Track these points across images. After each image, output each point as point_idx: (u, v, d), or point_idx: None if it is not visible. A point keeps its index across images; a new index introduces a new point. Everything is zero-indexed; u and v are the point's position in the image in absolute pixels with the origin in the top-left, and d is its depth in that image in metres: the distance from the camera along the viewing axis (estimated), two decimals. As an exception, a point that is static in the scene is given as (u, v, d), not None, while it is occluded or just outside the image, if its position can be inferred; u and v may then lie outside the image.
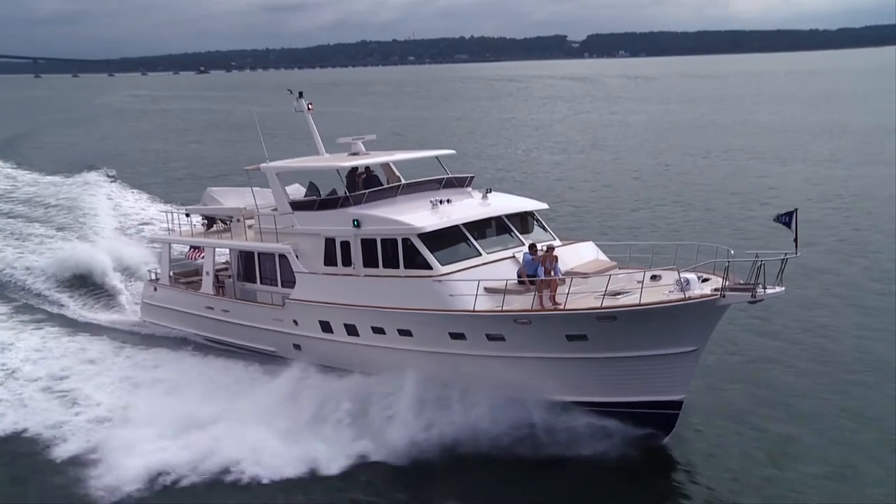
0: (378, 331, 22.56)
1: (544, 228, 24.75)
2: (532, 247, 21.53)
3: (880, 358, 24.92)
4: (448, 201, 24.09)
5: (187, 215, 30.91)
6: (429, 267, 21.83)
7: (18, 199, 58.13)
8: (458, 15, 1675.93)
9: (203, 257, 29.51)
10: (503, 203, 24.86)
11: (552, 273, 20.69)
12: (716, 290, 18.53)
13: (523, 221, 24.41)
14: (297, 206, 25.63)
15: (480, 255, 22.53)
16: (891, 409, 21.53)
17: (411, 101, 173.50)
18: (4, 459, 21.26)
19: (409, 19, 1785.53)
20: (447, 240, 22.50)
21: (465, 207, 24.04)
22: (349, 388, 22.13)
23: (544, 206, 25.35)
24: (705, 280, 19.27)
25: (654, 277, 20.17)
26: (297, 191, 27.63)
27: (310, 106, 28.43)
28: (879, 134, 79.16)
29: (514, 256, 22.41)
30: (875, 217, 43.51)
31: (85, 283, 35.97)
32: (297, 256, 24.91)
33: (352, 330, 23.22)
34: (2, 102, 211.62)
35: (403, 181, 26.31)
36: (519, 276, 21.31)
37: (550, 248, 21.39)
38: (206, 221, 30.62)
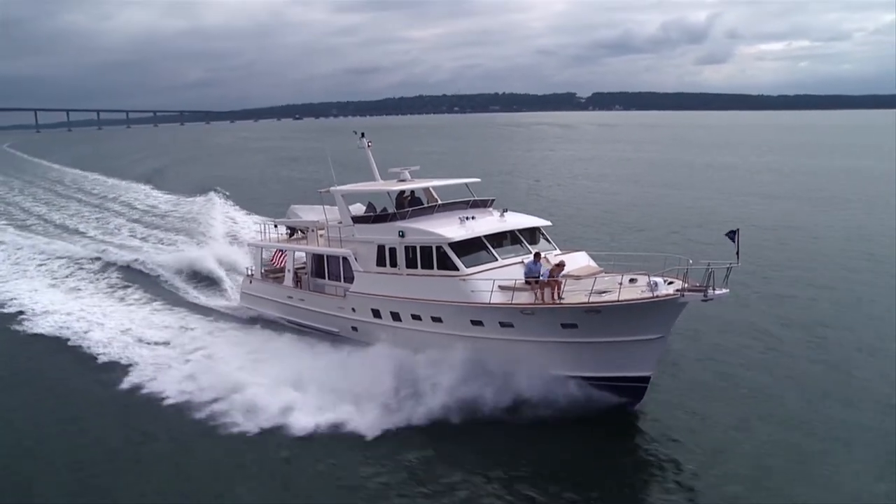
0: (416, 317, 21.86)
1: (548, 240, 23.81)
2: (537, 255, 20.71)
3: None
4: (473, 218, 23.31)
5: (275, 226, 30.50)
6: (456, 269, 21.15)
7: (158, 213, 58.17)
8: (494, 76, 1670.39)
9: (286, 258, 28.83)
10: (516, 220, 24.03)
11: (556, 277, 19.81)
12: (677, 290, 17.93)
13: (531, 235, 23.54)
14: (357, 220, 24.99)
15: (497, 260, 21.79)
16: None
17: (445, 141, 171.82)
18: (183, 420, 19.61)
19: (456, 79, 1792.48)
20: (471, 248, 21.80)
21: (486, 223, 23.22)
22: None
23: (548, 223, 24.44)
24: (670, 283, 18.55)
25: (631, 280, 19.33)
26: (358, 208, 26.91)
27: (369, 143, 27.72)
28: (800, 174, 76.51)
29: (522, 262, 21.50)
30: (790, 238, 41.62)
31: (200, 275, 35.54)
32: (355, 259, 24.27)
33: (396, 316, 22.52)
34: (157, 143, 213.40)
35: (440, 202, 25.62)
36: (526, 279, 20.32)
37: (561, 264, 20.34)
38: (289, 231, 30.04)
